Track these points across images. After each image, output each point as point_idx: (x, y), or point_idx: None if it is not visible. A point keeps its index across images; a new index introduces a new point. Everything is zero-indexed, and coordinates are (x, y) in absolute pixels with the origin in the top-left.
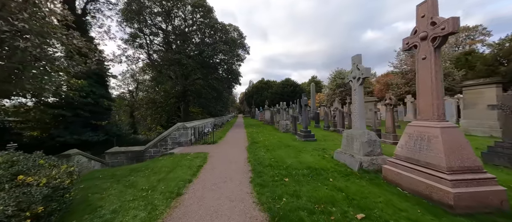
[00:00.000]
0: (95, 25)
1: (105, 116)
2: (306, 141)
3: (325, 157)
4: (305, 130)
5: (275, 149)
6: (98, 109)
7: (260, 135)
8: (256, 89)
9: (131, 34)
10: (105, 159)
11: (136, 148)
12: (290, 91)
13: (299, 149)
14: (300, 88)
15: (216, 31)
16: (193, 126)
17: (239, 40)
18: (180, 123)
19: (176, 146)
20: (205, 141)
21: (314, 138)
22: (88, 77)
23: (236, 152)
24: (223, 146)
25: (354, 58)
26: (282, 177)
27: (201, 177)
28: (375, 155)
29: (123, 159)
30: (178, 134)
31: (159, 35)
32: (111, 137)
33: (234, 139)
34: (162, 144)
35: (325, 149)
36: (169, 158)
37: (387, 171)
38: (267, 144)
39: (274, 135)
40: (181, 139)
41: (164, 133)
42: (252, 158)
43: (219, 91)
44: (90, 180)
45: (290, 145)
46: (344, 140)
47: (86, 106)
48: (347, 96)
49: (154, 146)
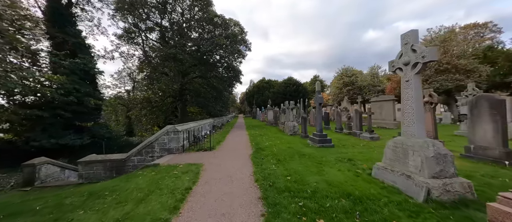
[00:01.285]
0: (84, 19)
1: (91, 116)
2: (322, 147)
3: (359, 174)
4: (320, 134)
5: (287, 159)
6: (83, 109)
7: (264, 138)
8: (257, 89)
9: (125, 29)
10: (78, 169)
11: (115, 156)
12: (293, 91)
13: (318, 159)
14: (303, 87)
15: (215, 26)
16: (187, 129)
17: (240, 36)
18: (170, 126)
19: (165, 153)
20: (200, 146)
21: (331, 143)
22: (71, 73)
23: (238, 164)
24: (221, 153)
25: (406, 36)
26: (313, 215)
27: (185, 213)
28: (447, 177)
29: (100, 169)
30: (168, 139)
31: (155, 30)
32: (99, 140)
33: (235, 144)
34: (147, 151)
35: (351, 159)
36: (150, 173)
37: (500, 214)
38: (276, 151)
39: (280, 138)
40: (171, 144)
41: (151, 138)
42: (260, 175)
43: (219, 90)
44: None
45: (304, 152)
46: (389, 152)
47: (68, 106)
48: (357, 95)
49: (138, 153)
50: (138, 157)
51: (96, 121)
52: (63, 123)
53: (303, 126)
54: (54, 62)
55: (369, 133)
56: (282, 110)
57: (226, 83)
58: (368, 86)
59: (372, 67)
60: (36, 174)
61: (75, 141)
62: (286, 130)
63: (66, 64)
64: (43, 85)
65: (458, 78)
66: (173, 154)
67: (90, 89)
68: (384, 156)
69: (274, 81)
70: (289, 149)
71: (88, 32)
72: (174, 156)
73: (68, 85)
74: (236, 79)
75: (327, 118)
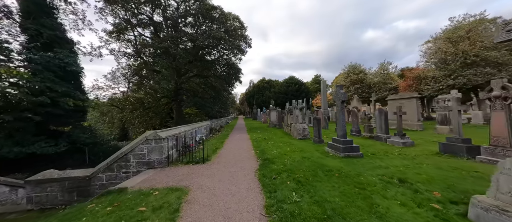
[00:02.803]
0: (68, 12)
1: (71, 119)
2: (347, 157)
3: (442, 214)
4: (344, 140)
5: (310, 180)
6: (59, 111)
7: (270, 144)
8: (257, 89)
9: (115, 25)
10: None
11: (77, 172)
12: (295, 90)
13: (355, 179)
14: (305, 87)
15: (213, 20)
16: (175, 135)
17: (240, 31)
18: (150, 132)
19: (143, 168)
20: (191, 157)
21: (359, 151)
22: (45, 70)
23: (240, 188)
24: (218, 168)
25: None
26: None
27: None
28: None
29: (56, 191)
30: (147, 149)
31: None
32: (82, 146)
33: (235, 152)
34: (120, 165)
35: (404, 180)
36: (104, 208)
37: None
38: (289, 164)
39: (289, 144)
40: (152, 156)
41: (124, 148)
42: (278, 216)
43: (217, 90)
44: None
45: (329, 166)
46: (507, 180)
47: (40, 108)
48: (367, 94)
49: (108, 168)
50: (107, 173)
51: (77, 124)
52: (34, 128)
53: (316, 128)
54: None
55: (400, 137)
56: (288, 110)
57: (225, 82)
58: (379, 84)
59: (382, 64)
60: None
61: (46, 149)
62: (293, 133)
63: (36, 58)
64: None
65: (490, 72)
66: (154, 168)
67: (69, 89)
68: (496, 185)
69: (274, 81)
70: (306, 160)
71: (73, 26)
72: (155, 172)
73: (40, 84)
74: (236, 77)
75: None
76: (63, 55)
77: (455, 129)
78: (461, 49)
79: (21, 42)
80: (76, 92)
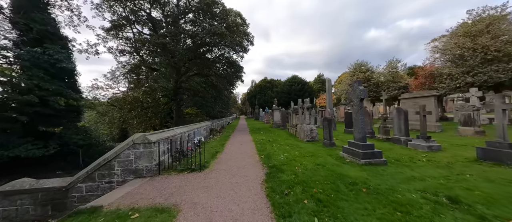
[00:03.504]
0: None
1: (62, 119)
2: (368, 164)
3: None
4: (364, 144)
5: (331, 196)
6: (48, 111)
7: (276, 147)
8: (259, 89)
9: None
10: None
11: (52, 182)
12: (298, 90)
13: (391, 197)
14: (308, 86)
15: (213, 17)
16: (167, 138)
17: (242, 28)
18: (138, 134)
19: (129, 177)
20: (187, 163)
21: (382, 158)
22: (33, 67)
23: (245, 209)
24: (216, 177)
25: None
26: None
27: None
28: None
29: (27, 204)
30: (134, 155)
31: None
32: (75, 148)
33: (237, 157)
34: (103, 173)
35: (457, 199)
36: None
37: None
38: (301, 174)
39: (297, 147)
40: (140, 163)
41: (108, 154)
42: None
43: (218, 89)
44: None
45: (350, 177)
46: None
47: (27, 107)
48: (374, 93)
49: (89, 178)
50: (87, 183)
51: (70, 125)
52: (21, 129)
53: (326, 130)
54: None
55: (425, 140)
56: (294, 110)
57: (226, 81)
58: (387, 82)
59: (390, 62)
60: None
61: (32, 152)
62: (300, 135)
63: (22, 53)
64: None
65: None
66: (142, 177)
67: (61, 87)
68: None
69: (277, 81)
70: (320, 168)
71: (68, 23)
72: (142, 183)
73: (27, 81)
74: (238, 76)
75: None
76: (53, 51)
77: (499, 132)
78: (480, 44)
79: (12, 38)
80: (68, 91)
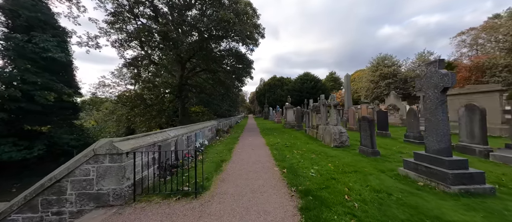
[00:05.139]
0: None
1: (53, 117)
2: (467, 194)
3: None
4: (452, 160)
5: None
6: (35, 107)
7: (297, 155)
8: (268, 87)
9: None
10: None
11: None
12: (311, 87)
13: None
14: (322, 83)
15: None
16: (154, 144)
17: (252, 19)
18: (103, 140)
19: (89, 205)
20: (180, 180)
21: (485, 184)
22: (18, 57)
23: None
24: (218, 213)
25: None
26: None
27: None
28: None
29: None
30: (96, 172)
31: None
32: (69, 148)
33: (249, 170)
34: (49, 200)
35: None
36: None
37: None
38: (361, 213)
39: (326, 155)
40: (105, 184)
41: (57, 171)
42: None
43: (226, 86)
44: None
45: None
46: None
47: (8, 102)
48: (406, 89)
49: (28, 206)
50: (26, 214)
51: (62, 123)
52: (4, 127)
53: (366, 134)
54: None
55: None
56: (314, 108)
57: (235, 77)
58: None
59: (420, 55)
60: None
61: (10, 154)
62: (325, 139)
63: (2, 39)
64: None
65: None
66: (107, 207)
67: (52, 81)
68: None
69: (287, 79)
70: (388, 201)
71: (67, 14)
72: (104, 218)
73: (9, 73)
74: (247, 72)
75: (386, 119)
76: (39, 39)
77: None
78: None
79: None
80: (60, 85)
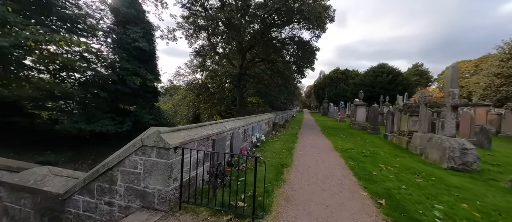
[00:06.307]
0: None
1: (139, 98)
2: None
3: None
4: None
5: None
6: (126, 89)
7: (390, 173)
8: (329, 81)
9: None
10: None
11: (53, 185)
12: (387, 82)
13: None
14: (403, 77)
15: None
16: (207, 137)
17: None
18: (152, 129)
19: (135, 203)
20: (233, 188)
21: None
22: (117, 47)
23: None
24: None
25: None
26: None
27: None
28: None
29: (29, 207)
30: (143, 166)
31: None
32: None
33: (321, 188)
34: (102, 188)
35: None
36: None
37: None
38: None
39: (451, 187)
40: (151, 182)
41: (109, 158)
42: None
43: (285, 77)
44: None
45: None
46: None
47: (108, 84)
48: None
49: (87, 190)
50: (85, 197)
51: (145, 104)
52: (104, 104)
53: None
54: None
55: None
56: (407, 108)
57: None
58: None
59: None
60: None
61: (106, 127)
62: (428, 153)
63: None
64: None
65: None
66: (151, 211)
67: (139, 68)
68: None
69: (353, 72)
70: None
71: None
72: None
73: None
74: (309, 61)
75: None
76: (130, 32)
77: None
78: None
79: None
80: (144, 71)
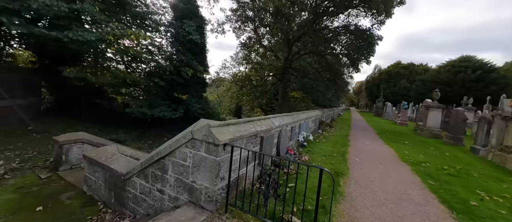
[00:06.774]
0: None
1: (190, 88)
2: None
3: None
4: None
5: None
6: (180, 79)
7: (502, 208)
8: (386, 76)
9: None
10: None
11: (119, 164)
12: (471, 80)
13: None
14: (498, 74)
15: None
16: (256, 134)
17: None
18: (202, 121)
19: (183, 196)
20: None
21: None
22: (174, 40)
23: None
24: None
25: None
26: None
27: None
28: None
29: (101, 181)
30: (192, 159)
31: None
32: (197, 115)
33: (396, 216)
34: (155, 174)
35: None
36: None
37: None
38: None
39: None
40: (199, 178)
41: (162, 147)
42: None
43: (334, 71)
44: None
45: None
46: None
47: (166, 74)
48: None
49: (143, 174)
50: (142, 181)
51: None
52: (162, 93)
53: None
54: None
55: None
56: None
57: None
58: None
59: None
60: (62, 155)
61: (164, 113)
62: None
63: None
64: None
65: None
66: (198, 208)
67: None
68: None
69: (420, 66)
70: None
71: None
72: None
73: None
74: (368, 53)
75: None
76: (185, 25)
77: None
78: None
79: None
80: (195, 63)
